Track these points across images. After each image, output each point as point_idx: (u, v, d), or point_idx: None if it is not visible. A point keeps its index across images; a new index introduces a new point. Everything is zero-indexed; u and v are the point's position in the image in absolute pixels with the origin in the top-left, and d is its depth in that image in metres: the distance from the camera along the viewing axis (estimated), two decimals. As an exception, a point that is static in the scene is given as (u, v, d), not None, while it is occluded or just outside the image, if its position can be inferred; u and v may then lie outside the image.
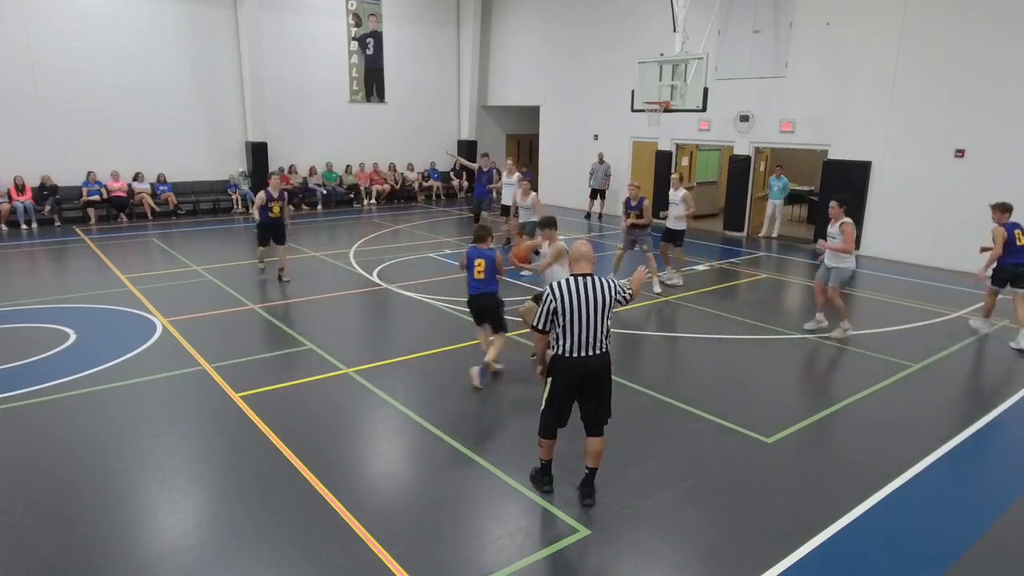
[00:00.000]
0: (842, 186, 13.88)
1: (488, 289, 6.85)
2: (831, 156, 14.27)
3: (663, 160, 17.49)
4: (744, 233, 16.29)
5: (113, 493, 4.77)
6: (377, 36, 20.42)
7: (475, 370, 6.68)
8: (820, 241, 8.74)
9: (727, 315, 9.40)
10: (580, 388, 4.54)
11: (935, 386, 7.16)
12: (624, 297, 4.61)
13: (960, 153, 12.41)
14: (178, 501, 4.72)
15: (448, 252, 13.27)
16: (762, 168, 16.57)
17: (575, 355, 4.44)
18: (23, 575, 3.92)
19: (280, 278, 10.80)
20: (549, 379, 4.61)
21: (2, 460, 5.22)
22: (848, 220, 8.39)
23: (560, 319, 4.42)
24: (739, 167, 16.09)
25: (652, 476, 5.09)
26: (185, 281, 10.73)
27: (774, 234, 15.85)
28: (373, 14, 20.22)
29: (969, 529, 4.51)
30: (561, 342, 4.47)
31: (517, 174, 13.18)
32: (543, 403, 4.67)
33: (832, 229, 8.48)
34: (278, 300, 9.77)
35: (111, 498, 4.71)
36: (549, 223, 6.92)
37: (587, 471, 4.71)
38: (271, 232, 10.75)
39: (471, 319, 7.17)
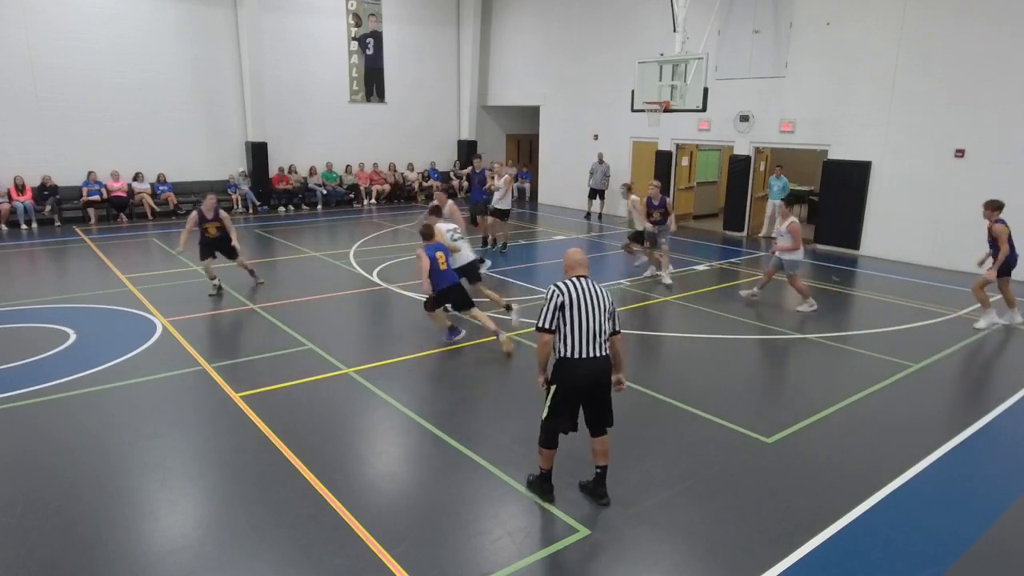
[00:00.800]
0: (842, 186, 13.97)
1: (456, 276, 7.80)
2: (831, 156, 14.27)
3: (663, 160, 17.50)
4: (744, 233, 16.29)
5: (113, 493, 4.77)
6: (377, 36, 20.43)
7: (504, 340, 7.58)
8: (772, 248, 10.11)
9: (727, 315, 9.40)
10: (589, 391, 4.44)
11: (935, 386, 7.16)
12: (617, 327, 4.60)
13: (960, 153, 12.41)
14: (178, 501, 4.72)
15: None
16: (762, 168, 16.56)
17: (584, 355, 4.34)
18: (23, 575, 3.92)
19: (253, 275, 10.36)
20: (553, 386, 4.45)
21: (2, 460, 5.22)
22: (794, 219, 9.59)
23: (567, 314, 4.33)
24: (739, 167, 16.09)
25: (652, 476, 5.09)
26: (185, 281, 10.72)
27: (774, 234, 15.81)
28: (373, 14, 20.22)
29: (969, 529, 4.51)
30: (569, 343, 4.35)
31: (506, 175, 13.15)
32: (545, 411, 4.53)
33: (781, 228, 9.69)
34: (278, 300, 9.76)
35: (111, 498, 4.71)
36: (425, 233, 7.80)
37: (598, 470, 4.67)
38: (216, 248, 10.00)
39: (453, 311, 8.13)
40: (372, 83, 20.61)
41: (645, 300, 10.16)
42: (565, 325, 4.36)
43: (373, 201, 20.14)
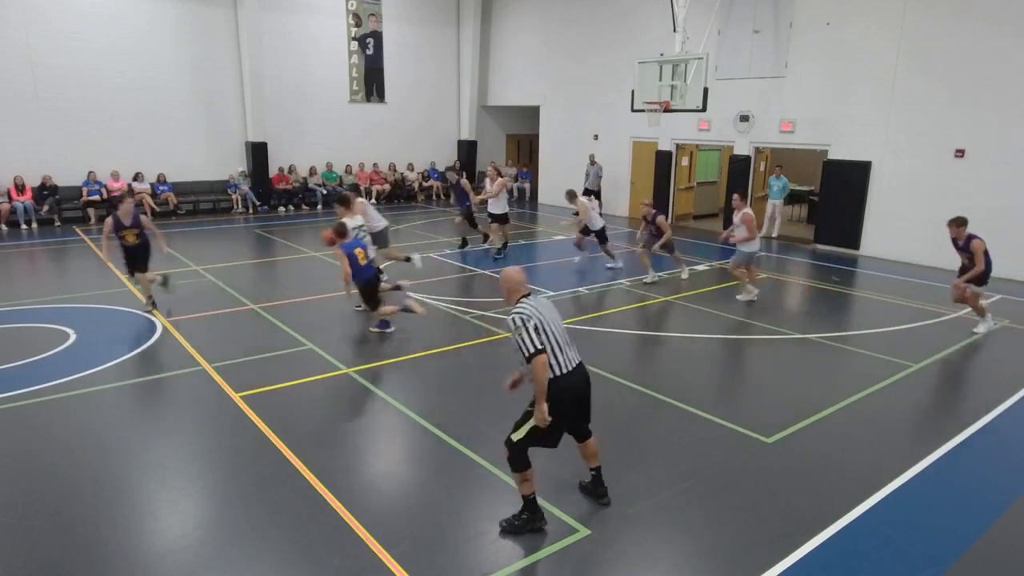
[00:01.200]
0: (842, 186, 13.96)
1: (373, 271, 8.14)
2: (831, 156, 14.27)
3: (663, 160, 17.49)
4: (744, 233, 16.26)
5: (113, 493, 4.78)
6: (377, 36, 20.43)
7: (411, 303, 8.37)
8: (724, 233, 10.40)
9: (727, 315, 9.40)
10: (580, 401, 4.33)
11: (935, 386, 7.16)
12: None
13: (960, 153, 12.41)
14: (178, 501, 4.72)
15: (448, 252, 13.27)
16: (762, 168, 16.56)
17: (571, 367, 4.23)
18: (23, 575, 3.92)
19: (150, 305, 9.10)
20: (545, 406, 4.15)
21: (2, 460, 5.22)
22: (747, 211, 9.81)
23: (545, 333, 4.13)
24: (739, 167, 16.08)
25: (652, 476, 5.09)
26: (185, 281, 10.70)
27: (774, 234, 15.85)
28: (373, 14, 20.22)
29: (969, 529, 4.52)
30: (555, 361, 4.15)
31: (501, 180, 13.13)
32: (523, 433, 4.18)
33: (735, 219, 9.91)
34: (278, 300, 9.77)
35: (111, 498, 4.71)
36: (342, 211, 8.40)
37: (593, 472, 4.67)
38: (131, 257, 8.98)
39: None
40: (372, 83, 20.61)
41: (645, 300, 10.16)
42: (545, 346, 4.13)
43: (373, 201, 20.09)
